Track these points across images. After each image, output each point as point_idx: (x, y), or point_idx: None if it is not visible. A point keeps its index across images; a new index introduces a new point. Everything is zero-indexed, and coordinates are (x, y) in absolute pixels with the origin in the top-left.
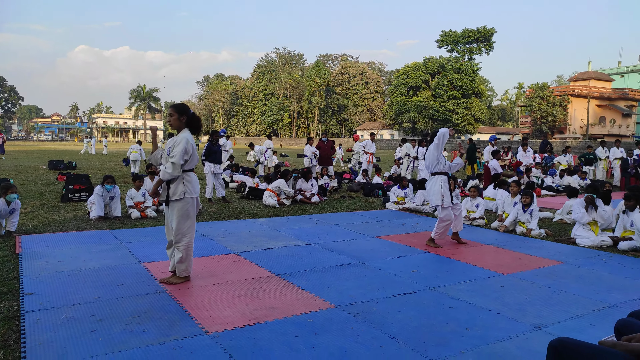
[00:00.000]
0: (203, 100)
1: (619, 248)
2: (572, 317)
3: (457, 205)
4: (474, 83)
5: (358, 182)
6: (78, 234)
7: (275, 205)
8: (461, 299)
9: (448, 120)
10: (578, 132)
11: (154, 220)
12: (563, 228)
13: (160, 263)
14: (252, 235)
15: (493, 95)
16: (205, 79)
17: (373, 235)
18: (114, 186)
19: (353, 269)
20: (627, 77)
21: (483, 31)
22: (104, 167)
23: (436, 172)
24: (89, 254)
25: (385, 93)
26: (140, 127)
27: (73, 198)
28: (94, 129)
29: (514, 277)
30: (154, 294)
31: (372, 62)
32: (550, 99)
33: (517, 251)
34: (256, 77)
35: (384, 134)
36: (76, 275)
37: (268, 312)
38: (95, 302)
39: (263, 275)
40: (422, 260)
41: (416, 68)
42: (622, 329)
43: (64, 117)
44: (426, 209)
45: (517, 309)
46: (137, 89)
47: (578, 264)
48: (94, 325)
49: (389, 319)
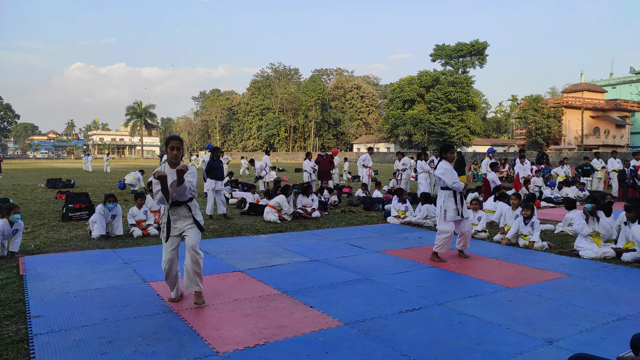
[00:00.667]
0: (199, 116)
1: (622, 259)
2: (582, 331)
3: (466, 222)
4: (469, 96)
5: (358, 197)
6: (81, 254)
7: (277, 221)
8: (470, 314)
9: (444, 133)
10: (573, 143)
11: (156, 238)
12: (565, 240)
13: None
14: (256, 252)
15: (487, 107)
16: (201, 95)
17: (376, 250)
18: (115, 205)
19: (359, 285)
20: (619, 88)
21: (476, 45)
22: (103, 184)
23: (443, 187)
24: (93, 274)
25: (380, 106)
26: (137, 143)
27: (74, 217)
28: (91, 146)
29: (521, 291)
30: (162, 314)
31: (366, 76)
32: (544, 110)
33: (522, 264)
34: (252, 92)
35: (380, 147)
36: (82, 296)
37: (277, 331)
38: (103, 323)
39: (269, 293)
40: (428, 275)
41: (411, 82)
42: (639, 344)
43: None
44: (428, 222)
45: (526, 323)
46: (134, 105)
47: (583, 277)
48: (103, 348)
49: (399, 335)
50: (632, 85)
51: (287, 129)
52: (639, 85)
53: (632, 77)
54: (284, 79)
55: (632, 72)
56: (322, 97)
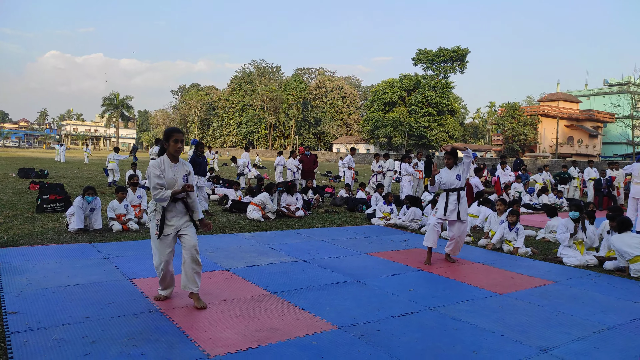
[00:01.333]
0: (178, 110)
1: (604, 267)
2: (575, 339)
3: (459, 226)
4: (448, 101)
5: (341, 197)
6: (58, 247)
7: (260, 219)
8: (463, 320)
9: (423, 136)
10: (548, 151)
11: (137, 233)
12: (547, 246)
13: (150, 279)
14: (242, 251)
15: (466, 113)
16: (180, 89)
17: (363, 251)
18: (94, 197)
19: (349, 287)
20: (593, 99)
21: (457, 51)
22: (78, 176)
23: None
24: (72, 269)
25: (361, 108)
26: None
27: (49, 209)
28: (64, 136)
29: (510, 297)
30: (147, 313)
31: (348, 77)
32: (521, 118)
33: (508, 270)
34: (233, 88)
35: (360, 149)
36: (62, 292)
37: (269, 333)
38: (86, 322)
39: (258, 294)
40: (417, 278)
41: (392, 84)
42: None
43: (32, 123)
44: (413, 225)
45: (519, 330)
46: (110, 96)
47: (569, 284)
48: (87, 348)
49: (394, 341)
50: (605, 97)
51: (268, 126)
52: (612, 97)
53: (605, 89)
54: (266, 76)
55: (605, 84)
56: (303, 96)
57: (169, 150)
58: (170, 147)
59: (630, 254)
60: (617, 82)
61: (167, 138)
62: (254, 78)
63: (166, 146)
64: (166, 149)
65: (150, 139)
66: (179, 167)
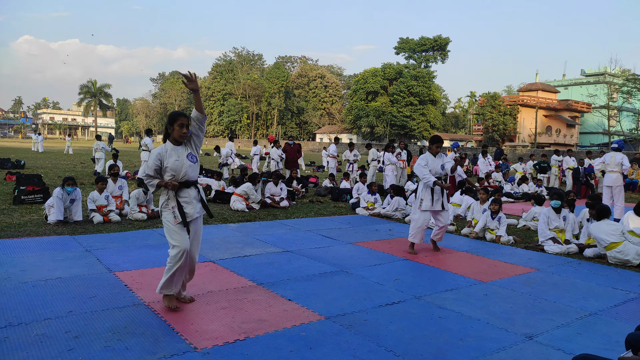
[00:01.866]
0: (158, 99)
1: (584, 255)
2: (559, 326)
3: (445, 214)
4: (430, 90)
5: (325, 187)
6: (38, 240)
7: (245, 210)
8: (449, 309)
9: (405, 126)
10: (527, 141)
11: (118, 225)
12: (528, 234)
13: (133, 272)
14: (226, 242)
15: (447, 102)
16: (160, 77)
17: (348, 241)
18: (75, 188)
19: (336, 277)
20: (570, 89)
21: (439, 40)
22: (55, 166)
23: None
24: (53, 262)
25: (344, 97)
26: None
27: (26, 200)
28: (40, 125)
29: (495, 285)
30: (132, 306)
31: (330, 65)
32: (501, 108)
33: (491, 258)
34: (214, 77)
35: (342, 138)
36: (42, 287)
37: (257, 325)
38: (68, 316)
39: (245, 285)
40: (402, 267)
41: (375, 73)
42: (636, 343)
43: (6, 111)
44: (397, 215)
45: (504, 318)
46: (88, 84)
47: (551, 271)
48: (70, 343)
49: (382, 330)
50: (582, 87)
51: (250, 115)
52: (589, 88)
53: (582, 79)
54: (247, 64)
55: (582, 74)
56: (285, 85)
57: (173, 134)
58: (175, 131)
59: (606, 241)
60: (594, 73)
61: (172, 122)
62: (235, 66)
63: (170, 130)
64: (170, 134)
65: (129, 128)
66: (181, 149)
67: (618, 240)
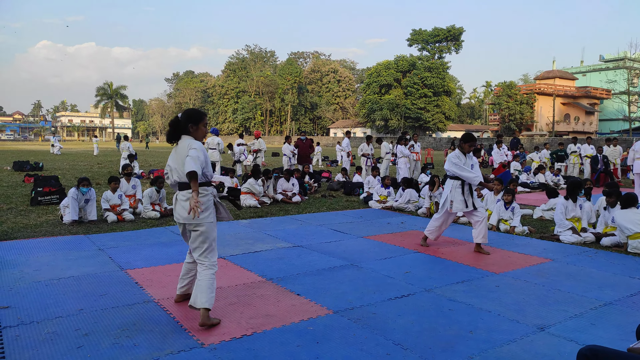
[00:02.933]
0: (173, 98)
1: (601, 244)
2: (572, 316)
3: (477, 212)
4: (444, 81)
5: (338, 181)
6: (52, 240)
7: (257, 206)
8: (459, 301)
9: (420, 118)
10: (544, 129)
11: (132, 223)
12: (544, 224)
13: (144, 270)
14: (237, 238)
15: (462, 93)
16: (174, 76)
17: (360, 235)
18: (89, 189)
19: (345, 271)
20: (589, 75)
21: (452, 30)
22: (73, 167)
23: (452, 177)
24: (66, 261)
25: (357, 91)
26: (108, 125)
27: (43, 201)
28: (59, 128)
29: (507, 276)
30: (142, 303)
31: (343, 60)
32: (517, 97)
33: (505, 249)
34: (227, 75)
35: (357, 132)
36: (55, 285)
37: (265, 320)
38: (79, 314)
39: (254, 281)
40: (413, 260)
41: (388, 66)
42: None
43: (26, 115)
44: (409, 207)
45: (516, 309)
46: (104, 86)
47: (566, 261)
48: (79, 341)
49: (390, 323)
50: (601, 73)
51: (263, 112)
52: (608, 74)
53: (601, 65)
54: (260, 61)
55: (601, 60)
56: (298, 81)
57: (197, 133)
58: (200, 131)
59: (631, 230)
60: (613, 58)
61: (198, 121)
62: (248, 64)
63: (193, 129)
64: (190, 132)
65: (145, 128)
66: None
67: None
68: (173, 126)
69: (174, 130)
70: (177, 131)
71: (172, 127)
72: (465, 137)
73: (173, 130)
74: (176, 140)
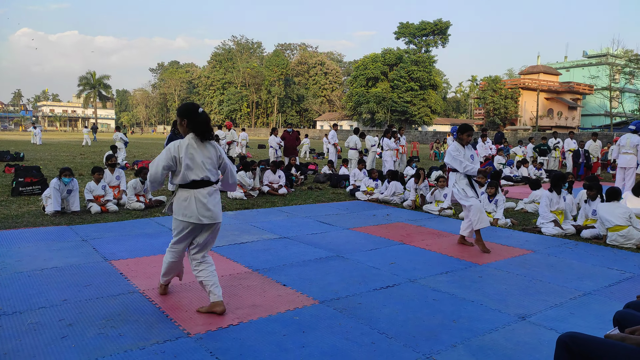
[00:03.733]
0: (157, 89)
1: (582, 236)
2: (552, 306)
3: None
4: (431, 75)
5: (324, 173)
6: (35, 231)
7: (243, 198)
8: (443, 291)
9: (406, 112)
10: (528, 124)
11: (116, 214)
12: (526, 217)
13: (129, 260)
14: (224, 229)
15: (448, 87)
16: (159, 67)
17: (346, 227)
18: (72, 179)
19: (332, 262)
20: (572, 71)
21: (439, 24)
22: (55, 158)
23: (453, 170)
24: (49, 252)
25: (344, 84)
26: (90, 116)
27: (25, 192)
28: (40, 118)
29: (490, 267)
30: (127, 294)
31: (330, 52)
32: (502, 91)
33: (488, 240)
34: (213, 66)
35: (343, 125)
36: (38, 276)
37: (251, 310)
38: (63, 304)
39: (240, 271)
40: (399, 251)
41: (375, 59)
42: (623, 321)
43: (6, 104)
44: (395, 200)
45: (498, 299)
46: (87, 75)
47: (548, 253)
48: (64, 331)
49: (375, 313)
50: (584, 69)
51: (250, 104)
52: (591, 69)
53: (584, 60)
54: (247, 52)
55: (584, 56)
56: (285, 73)
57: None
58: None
59: (611, 223)
60: (596, 54)
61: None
62: (234, 55)
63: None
64: (189, 128)
65: (129, 119)
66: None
67: (624, 224)
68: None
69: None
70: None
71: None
72: (462, 128)
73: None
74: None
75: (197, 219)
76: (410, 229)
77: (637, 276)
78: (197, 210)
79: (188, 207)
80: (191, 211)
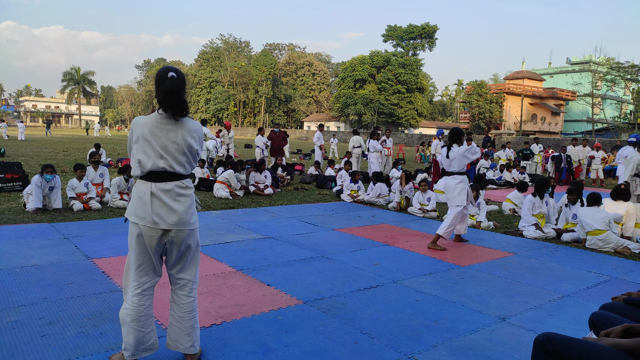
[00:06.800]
0: (143, 86)
1: (562, 239)
2: (532, 307)
3: (468, 207)
4: (417, 78)
5: (310, 174)
6: (15, 228)
7: (228, 197)
8: (425, 292)
9: (393, 114)
10: (512, 129)
11: (99, 212)
12: (508, 220)
13: (111, 259)
14: (208, 229)
15: (434, 90)
16: (145, 64)
17: (331, 227)
18: (54, 176)
19: (316, 262)
20: (556, 77)
21: (427, 27)
22: (37, 154)
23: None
24: (29, 249)
25: (332, 85)
26: (74, 112)
27: (5, 188)
28: (22, 113)
29: (472, 269)
30: (109, 292)
31: (318, 53)
32: (487, 96)
33: (471, 243)
34: (200, 64)
35: (330, 126)
36: (17, 274)
37: (234, 310)
38: (43, 303)
39: (224, 271)
40: (383, 253)
41: (363, 61)
42: (598, 323)
43: None
44: (380, 201)
45: (479, 300)
46: (71, 71)
47: (528, 255)
48: (44, 329)
49: (358, 313)
50: (567, 75)
51: (237, 103)
52: (574, 76)
53: (568, 67)
54: (234, 51)
55: (568, 62)
56: (273, 73)
57: (162, 102)
58: None
59: (591, 227)
60: (579, 61)
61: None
62: (222, 53)
63: None
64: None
65: (114, 116)
66: None
67: (603, 229)
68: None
69: None
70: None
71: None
72: (457, 133)
73: None
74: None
75: (151, 222)
76: (395, 230)
77: (614, 279)
78: (152, 209)
79: (142, 206)
80: (145, 211)
